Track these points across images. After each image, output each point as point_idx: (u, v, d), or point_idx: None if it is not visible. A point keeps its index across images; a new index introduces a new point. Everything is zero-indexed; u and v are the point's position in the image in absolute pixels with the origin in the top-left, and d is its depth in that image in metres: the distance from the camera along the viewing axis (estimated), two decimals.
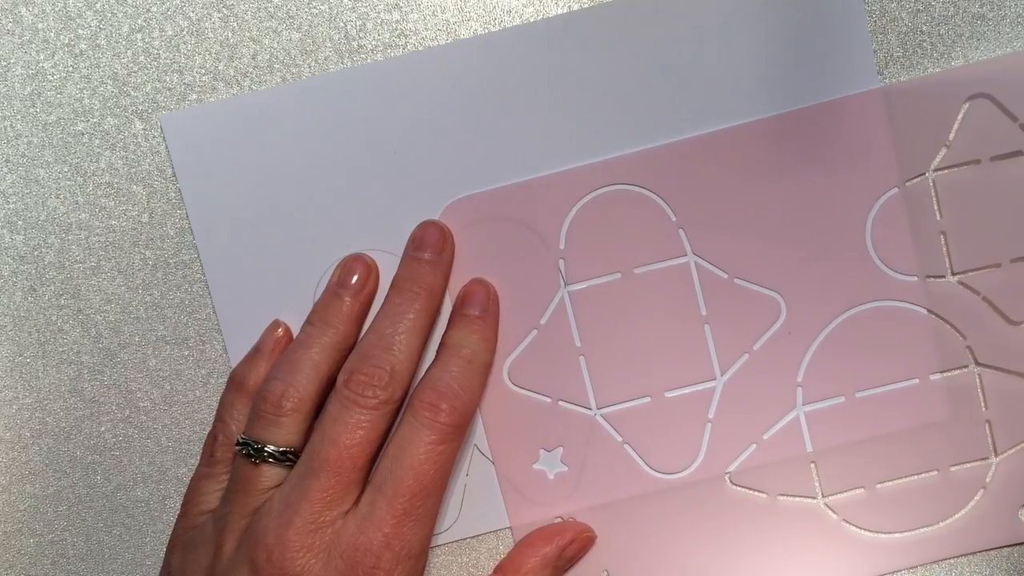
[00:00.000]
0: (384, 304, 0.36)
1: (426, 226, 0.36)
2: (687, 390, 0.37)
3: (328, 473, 0.33)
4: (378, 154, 0.37)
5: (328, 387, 0.36)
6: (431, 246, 0.36)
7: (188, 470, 0.38)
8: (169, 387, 0.38)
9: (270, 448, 0.34)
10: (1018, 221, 0.37)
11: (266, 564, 0.32)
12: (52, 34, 0.37)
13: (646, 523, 0.37)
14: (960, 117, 0.36)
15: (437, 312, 0.36)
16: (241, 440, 0.34)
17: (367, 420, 0.33)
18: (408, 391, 0.35)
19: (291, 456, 0.34)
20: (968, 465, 0.37)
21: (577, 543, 0.37)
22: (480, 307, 0.36)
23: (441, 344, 0.36)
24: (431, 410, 0.34)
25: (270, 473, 0.34)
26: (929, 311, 0.37)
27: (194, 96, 0.37)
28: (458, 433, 0.34)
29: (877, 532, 0.37)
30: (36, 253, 0.37)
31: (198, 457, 0.38)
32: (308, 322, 0.36)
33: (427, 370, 0.35)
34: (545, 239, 0.37)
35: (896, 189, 0.36)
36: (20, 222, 0.37)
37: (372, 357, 0.34)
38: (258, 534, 0.33)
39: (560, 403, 0.37)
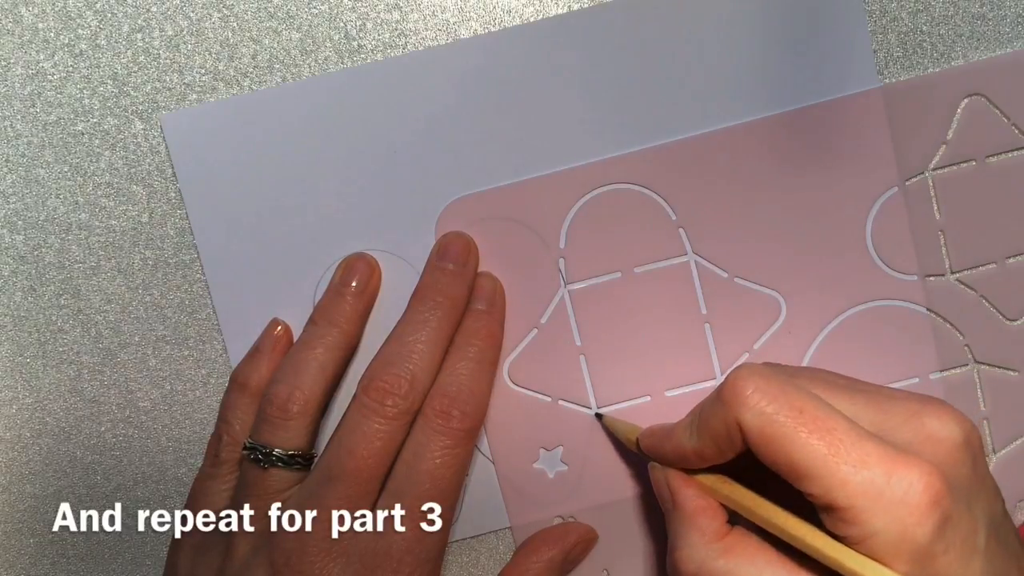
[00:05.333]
0: (406, 312, 0.35)
1: (450, 236, 0.36)
2: (687, 389, 0.37)
3: (345, 483, 0.33)
4: (378, 154, 0.37)
5: (333, 387, 0.36)
6: (455, 256, 0.36)
7: (188, 470, 0.38)
8: (169, 387, 0.38)
9: (278, 452, 0.34)
10: (1014, 219, 0.37)
11: (284, 568, 0.32)
12: (52, 34, 0.37)
13: (646, 523, 0.37)
14: (957, 116, 0.36)
15: (458, 322, 0.36)
16: (249, 444, 0.34)
17: (385, 431, 0.33)
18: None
19: (299, 459, 0.34)
20: None
21: (581, 545, 0.37)
22: (486, 301, 0.36)
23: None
24: (444, 417, 0.34)
25: (279, 476, 0.34)
26: (928, 310, 0.37)
27: (194, 96, 0.37)
28: (471, 436, 0.34)
29: None
30: (36, 253, 0.37)
31: (198, 457, 0.38)
32: (311, 322, 0.36)
33: (437, 374, 0.35)
34: (545, 238, 0.37)
35: (896, 188, 0.37)
36: (20, 222, 0.37)
37: (392, 365, 0.34)
38: (277, 539, 0.33)
39: (560, 402, 0.37)
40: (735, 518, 0.31)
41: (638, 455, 0.34)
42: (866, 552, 0.27)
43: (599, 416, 0.37)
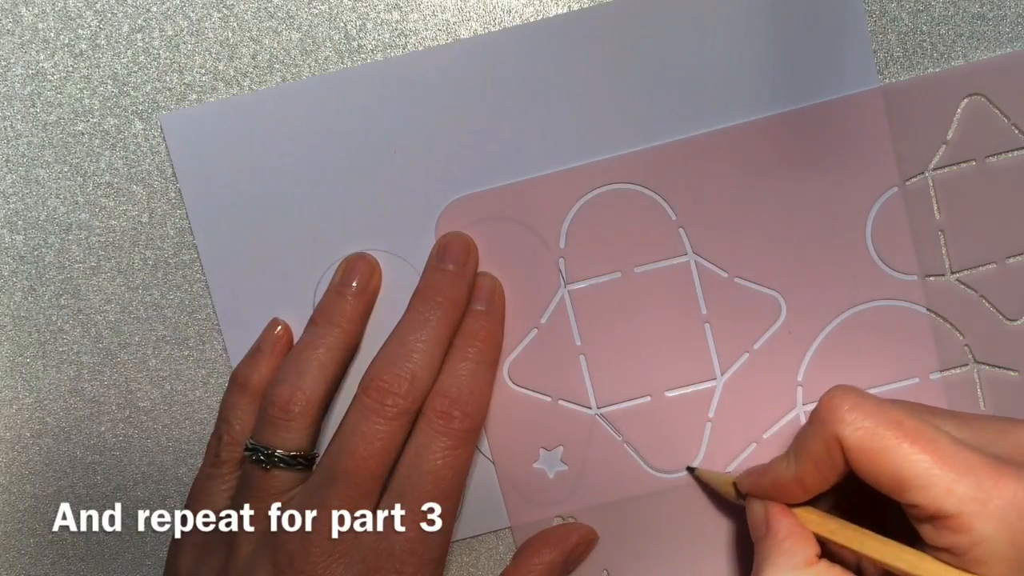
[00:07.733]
0: (407, 312, 0.35)
1: (450, 237, 0.36)
2: (687, 389, 0.37)
3: (346, 484, 0.33)
4: (378, 154, 0.37)
5: (334, 387, 0.36)
6: (455, 257, 0.36)
7: (188, 470, 0.38)
8: (169, 387, 0.38)
9: (280, 453, 0.34)
10: (1014, 219, 0.37)
11: (287, 569, 0.32)
12: (52, 34, 0.37)
13: (646, 523, 0.37)
14: (957, 116, 0.36)
15: (459, 322, 0.36)
16: (250, 445, 0.34)
17: (385, 431, 0.33)
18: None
19: (300, 460, 0.34)
20: None
21: (582, 546, 0.37)
22: (486, 302, 0.36)
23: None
24: (444, 418, 0.34)
25: (281, 477, 0.34)
26: (928, 310, 0.37)
27: (194, 96, 0.37)
28: (472, 436, 0.34)
29: None
30: (36, 253, 0.37)
31: (198, 457, 0.38)
32: (312, 322, 0.36)
33: (438, 375, 0.35)
34: (545, 239, 0.37)
35: (896, 188, 0.37)
36: (20, 222, 0.37)
37: (393, 364, 0.34)
38: (279, 539, 0.33)
39: (560, 402, 0.37)
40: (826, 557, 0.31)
41: (735, 504, 0.35)
42: (972, 560, 0.27)
43: (691, 470, 0.37)
